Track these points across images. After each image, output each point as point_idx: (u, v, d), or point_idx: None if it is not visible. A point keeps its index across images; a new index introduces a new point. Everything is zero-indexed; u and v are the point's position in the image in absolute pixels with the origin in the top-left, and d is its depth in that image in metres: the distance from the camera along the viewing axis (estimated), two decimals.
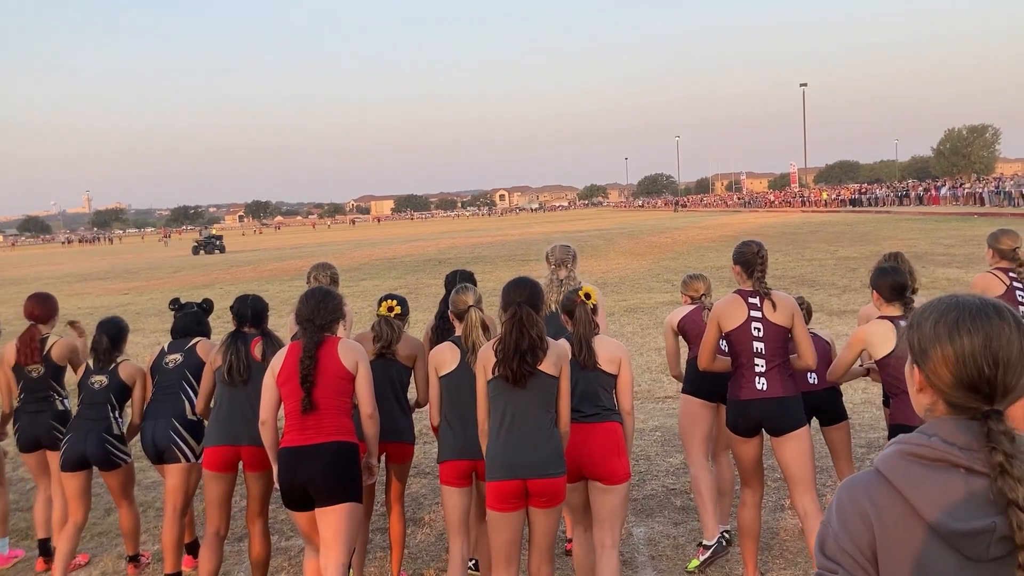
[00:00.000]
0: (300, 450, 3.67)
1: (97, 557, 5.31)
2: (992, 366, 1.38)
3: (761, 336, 4.06)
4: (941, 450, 1.37)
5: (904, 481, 1.39)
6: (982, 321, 1.40)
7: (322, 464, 3.64)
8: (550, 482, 3.49)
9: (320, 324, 3.78)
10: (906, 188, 64.19)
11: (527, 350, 3.42)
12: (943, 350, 1.41)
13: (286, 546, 5.28)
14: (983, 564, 1.35)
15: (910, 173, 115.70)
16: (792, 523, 5.12)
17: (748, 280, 4.16)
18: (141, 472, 7.00)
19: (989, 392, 1.39)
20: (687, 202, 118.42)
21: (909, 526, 1.38)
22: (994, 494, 1.34)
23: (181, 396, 4.68)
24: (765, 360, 4.06)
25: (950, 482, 1.36)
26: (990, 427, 1.37)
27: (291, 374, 3.71)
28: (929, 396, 1.46)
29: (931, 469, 1.38)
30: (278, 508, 4.93)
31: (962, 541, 1.34)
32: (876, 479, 1.44)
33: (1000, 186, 48.60)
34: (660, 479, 6.06)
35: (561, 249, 4.97)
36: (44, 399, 5.03)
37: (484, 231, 60.80)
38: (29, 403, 5.03)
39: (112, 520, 5.88)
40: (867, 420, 7.18)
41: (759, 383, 4.07)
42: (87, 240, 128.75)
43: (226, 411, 4.32)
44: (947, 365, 1.41)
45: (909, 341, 1.49)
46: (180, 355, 4.78)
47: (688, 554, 4.79)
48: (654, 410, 7.97)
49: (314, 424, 3.68)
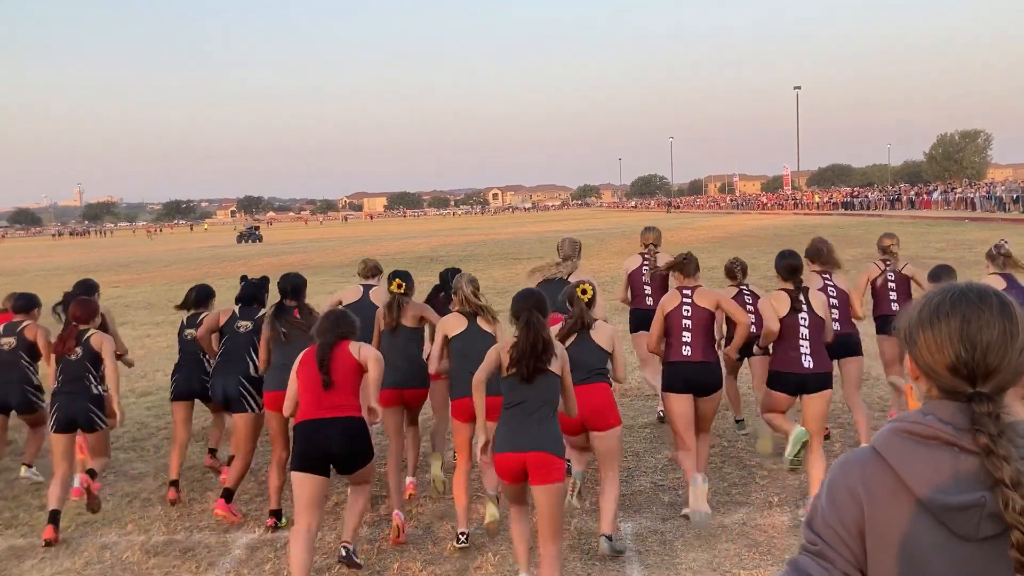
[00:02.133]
0: (320, 422, 4.40)
1: (81, 545, 5.27)
2: (969, 349, 1.39)
3: (689, 317, 5.27)
4: (935, 428, 1.38)
5: (896, 456, 1.40)
6: (962, 305, 1.42)
7: (340, 432, 4.40)
8: (545, 456, 3.99)
9: (337, 333, 4.57)
10: (898, 192, 64.42)
11: (541, 352, 4.01)
12: (924, 335, 1.44)
13: (272, 538, 5.26)
14: (973, 544, 1.34)
15: (902, 177, 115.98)
16: (780, 520, 5.13)
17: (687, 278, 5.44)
18: (128, 463, 6.98)
19: (969, 374, 1.40)
20: (680, 203, 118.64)
21: (898, 502, 1.39)
22: (983, 473, 1.34)
23: (247, 357, 5.73)
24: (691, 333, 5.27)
25: (942, 459, 1.37)
26: (974, 409, 1.37)
27: (309, 361, 4.50)
28: (924, 381, 1.48)
29: (924, 446, 1.39)
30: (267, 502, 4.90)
31: (951, 516, 1.34)
32: (869, 455, 1.46)
33: (991, 191, 48.87)
34: (649, 475, 6.05)
35: (570, 244, 6.50)
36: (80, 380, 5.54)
37: (476, 229, 60.73)
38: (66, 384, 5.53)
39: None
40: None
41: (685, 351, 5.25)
42: (78, 233, 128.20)
43: (279, 364, 5.30)
44: (928, 349, 1.43)
45: (902, 329, 1.51)
46: (250, 323, 5.83)
47: (676, 549, 4.79)
48: (643, 407, 7.97)
49: (329, 401, 4.43)
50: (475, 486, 5.55)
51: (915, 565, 1.37)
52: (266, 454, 6.16)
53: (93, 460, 5.65)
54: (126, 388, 10.02)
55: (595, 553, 4.77)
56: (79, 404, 5.45)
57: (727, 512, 5.31)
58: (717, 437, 6.85)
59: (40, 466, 6.59)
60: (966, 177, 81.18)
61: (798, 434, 5.11)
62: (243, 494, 6.05)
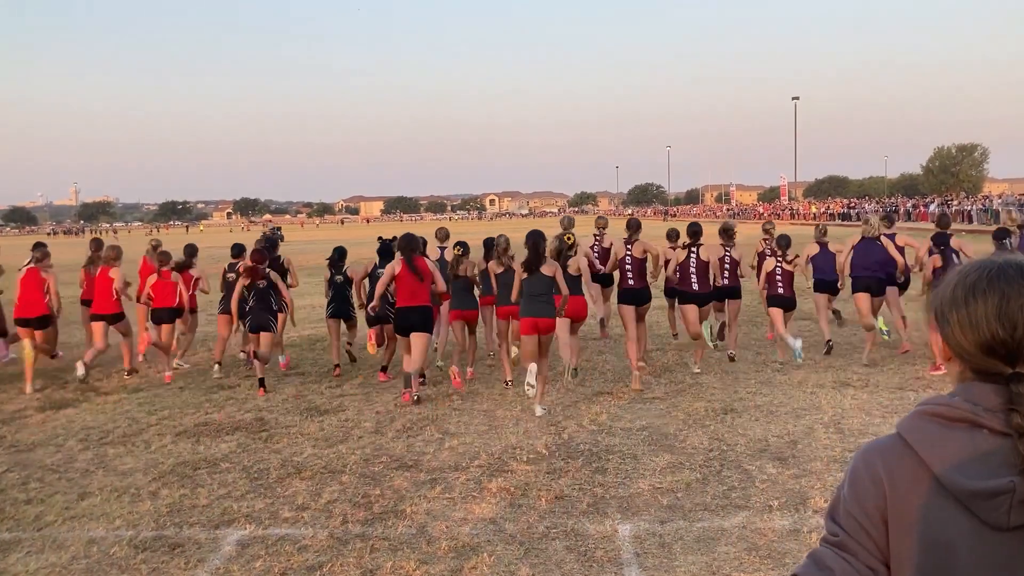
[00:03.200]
0: (410, 308, 8.39)
1: (67, 540, 5.16)
2: (1008, 327, 1.30)
3: (630, 263, 9.18)
4: (963, 409, 1.30)
5: (920, 440, 1.32)
6: (1000, 281, 1.33)
7: (418, 315, 8.37)
8: (546, 320, 7.81)
9: (413, 249, 8.54)
10: (895, 204, 64.50)
11: (536, 259, 7.83)
12: (958, 314, 1.35)
13: (263, 535, 5.15)
14: (1004, 534, 1.25)
15: (899, 190, 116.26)
16: (780, 524, 5.05)
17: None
18: (118, 458, 6.88)
19: (1007, 354, 1.30)
20: (676, 212, 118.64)
21: (922, 488, 1.31)
22: (1015, 456, 1.25)
23: (386, 293, 8.92)
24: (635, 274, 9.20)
25: (969, 441, 1.28)
26: (1012, 390, 1.28)
27: (405, 268, 8.39)
28: (957, 363, 1.39)
29: (950, 429, 1.30)
30: (275, 500, 4.81)
31: (978, 503, 1.25)
32: (893, 440, 1.38)
33: (988, 204, 48.96)
34: (647, 478, 5.97)
35: (567, 219, 10.32)
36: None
37: (473, 234, 60.40)
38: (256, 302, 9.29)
39: (85, 505, 5.75)
40: (856, 425, 7.13)
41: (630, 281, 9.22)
42: (72, 232, 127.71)
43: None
44: (963, 329, 1.34)
45: (933, 308, 1.42)
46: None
47: (675, 552, 4.71)
48: (641, 410, 7.89)
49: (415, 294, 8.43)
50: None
51: (940, 555, 1.29)
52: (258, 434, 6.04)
53: (272, 349, 9.43)
54: (117, 385, 10.00)
55: (593, 555, 4.69)
56: (264, 316, 9.17)
57: (726, 515, 5.23)
58: (716, 441, 6.78)
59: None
60: (963, 190, 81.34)
61: (708, 331, 9.91)
62: (235, 489, 5.96)
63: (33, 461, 6.90)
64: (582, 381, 9.24)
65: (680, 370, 9.73)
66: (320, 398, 8.88)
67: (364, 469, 6.38)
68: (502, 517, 5.30)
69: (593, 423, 7.47)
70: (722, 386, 8.82)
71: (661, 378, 9.32)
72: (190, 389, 9.60)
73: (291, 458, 6.70)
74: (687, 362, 10.04)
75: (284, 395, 9.08)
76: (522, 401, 8.34)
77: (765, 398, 8.23)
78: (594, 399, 8.41)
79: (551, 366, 9.08)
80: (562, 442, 6.91)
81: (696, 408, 7.88)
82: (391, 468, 6.37)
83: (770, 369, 9.62)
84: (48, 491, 6.11)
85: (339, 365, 10.04)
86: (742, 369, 9.66)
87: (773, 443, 6.70)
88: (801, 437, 6.84)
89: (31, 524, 5.45)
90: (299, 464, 6.54)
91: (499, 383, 9.21)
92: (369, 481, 6.08)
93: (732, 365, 9.88)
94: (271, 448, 7.01)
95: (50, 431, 7.88)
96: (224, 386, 9.68)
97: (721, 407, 7.88)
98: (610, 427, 7.32)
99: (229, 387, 9.62)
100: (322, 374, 10.18)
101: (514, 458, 6.52)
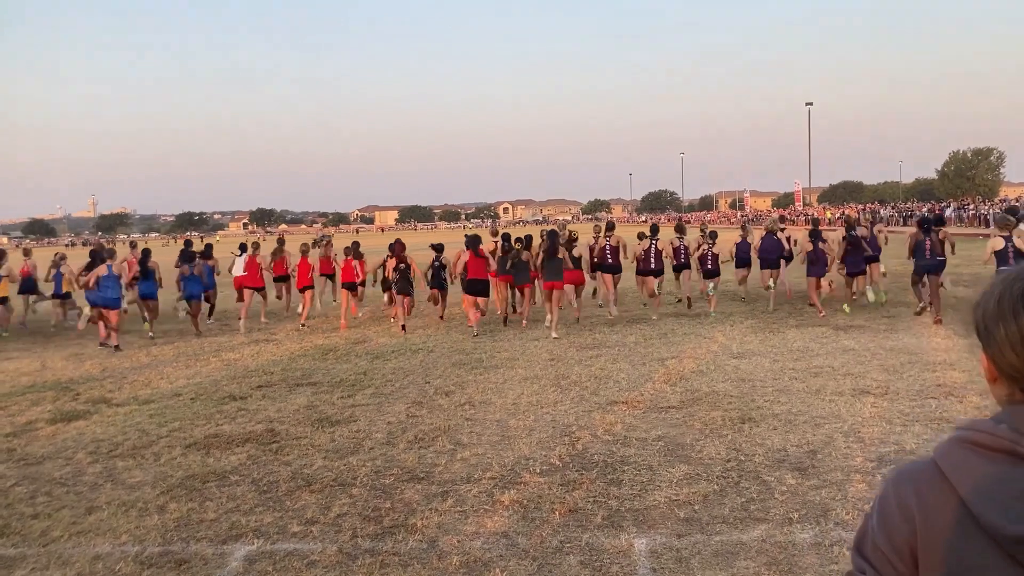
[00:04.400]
0: (477, 279, 14.08)
1: (72, 556, 5.08)
2: None
3: (608, 250, 15.32)
4: (1007, 438, 1.14)
5: (957, 472, 1.17)
6: None
7: (481, 284, 14.19)
8: (558, 283, 13.47)
9: (474, 241, 14.23)
10: (911, 209, 63.99)
11: (553, 248, 13.53)
12: (1007, 328, 1.19)
13: (271, 550, 5.05)
14: None
15: (914, 195, 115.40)
16: (801, 537, 4.90)
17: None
18: (126, 471, 6.80)
19: None
20: (690, 219, 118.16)
21: (957, 526, 1.16)
22: None
23: (440, 269, 15.08)
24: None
25: (1012, 476, 1.13)
26: None
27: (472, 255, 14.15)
28: (1004, 385, 1.22)
29: (991, 461, 1.15)
30: (287, 509, 4.71)
31: (1020, 549, 1.10)
32: (927, 468, 1.23)
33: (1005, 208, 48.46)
34: (663, 490, 5.83)
35: (562, 223, 18.07)
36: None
37: (488, 241, 60.44)
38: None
39: (92, 519, 5.68)
40: (876, 434, 6.96)
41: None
42: (91, 244, 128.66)
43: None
44: (1012, 345, 1.18)
45: (975, 322, 1.26)
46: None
47: (692, 567, 4.57)
48: (657, 420, 7.75)
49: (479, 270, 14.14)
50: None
51: None
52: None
53: (409, 312, 14.94)
54: (128, 396, 9.96)
55: (609, 571, 4.56)
56: (408, 287, 14.27)
57: (745, 528, 5.09)
58: (734, 451, 6.63)
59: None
60: (979, 195, 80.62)
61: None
62: (244, 503, 5.87)
63: (42, 474, 6.84)
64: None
65: (695, 379, 9.59)
66: (332, 408, 8.80)
67: (375, 481, 6.28)
68: (515, 531, 5.18)
69: (608, 433, 7.34)
70: (739, 395, 8.67)
71: (676, 387, 9.18)
72: (201, 400, 9.54)
73: (301, 470, 6.61)
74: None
75: (295, 405, 9.00)
76: (536, 410, 8.23)
77: (783, 407, 8.07)
78: (608, 409, 8.28)
79: (562, 318, 14.06)
80: (576, 453, 6.78)
81: (713, 417, 7.73)
82: (402, 480, 6.27)
83: (787, 377, 9.46)
84: (55, 505, 6.04)
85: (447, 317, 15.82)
86: (759, 377, 9.51)
87: (792, 453, 6.54)
88: (820, 447, 6.68)
89: (37, 540, 5.38)
90: (309, 476, 6.44)
91: (512, 389, 9.18)
92: (380, 494, 5.98)
93: (748, 373, 9.73)
94: (281, 460, 6.92)
95: (60, 444, 7.83)
96: (235, 396, 9.62)
97: (738, 416, 7.73)
98: (625, 437, 7.18)
99: (240, 398, 9.55)
100: (334, 384, 10.11)
101: (527, 469, 6.40)
